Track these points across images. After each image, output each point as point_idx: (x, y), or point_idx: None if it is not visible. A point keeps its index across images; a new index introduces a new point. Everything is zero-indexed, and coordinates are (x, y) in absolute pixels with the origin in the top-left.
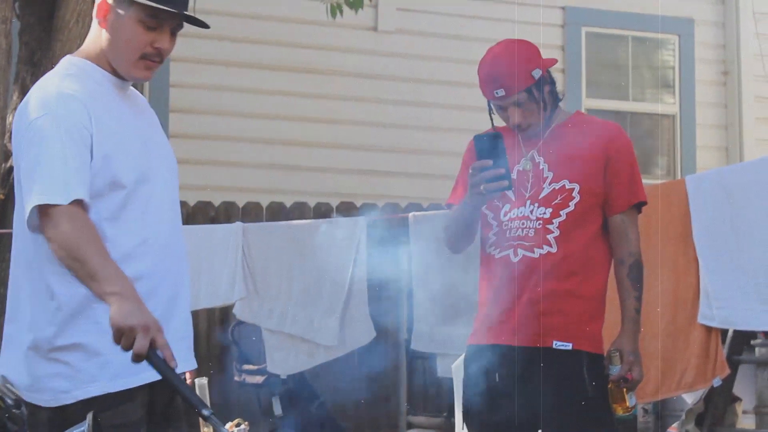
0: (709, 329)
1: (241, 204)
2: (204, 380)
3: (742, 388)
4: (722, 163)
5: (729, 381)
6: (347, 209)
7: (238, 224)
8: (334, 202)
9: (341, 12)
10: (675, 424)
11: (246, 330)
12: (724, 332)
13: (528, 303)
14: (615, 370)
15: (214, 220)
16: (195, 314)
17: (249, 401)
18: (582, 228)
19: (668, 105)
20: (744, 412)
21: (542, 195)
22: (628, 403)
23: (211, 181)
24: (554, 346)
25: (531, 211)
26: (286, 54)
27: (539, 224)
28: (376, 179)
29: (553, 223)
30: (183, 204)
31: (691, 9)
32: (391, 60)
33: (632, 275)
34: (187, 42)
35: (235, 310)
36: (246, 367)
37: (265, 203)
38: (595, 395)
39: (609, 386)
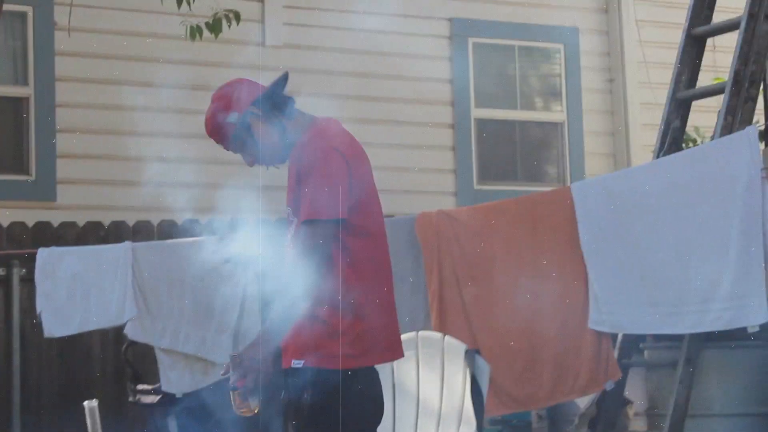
0: (599, 334)
1: (131, 223)
2: (94, 402)
3: (633, 391)
4: (610, 169)
5: (620, 384)
6: (241, 225)
7: (126, 244)
8: (227, 219)
9: (200, 35)
10: (568, 429)
11: (139, 349)
12: (615, 336)
13: None
14: (233, 375)
15: (104, 240)
16: (87, 335)
17: (144, 422)
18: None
19: (556, 113)
20: (635, 415)
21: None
22: (251, 408)
23: (101, 201)
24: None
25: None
26: (175, 71)
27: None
28: (270, 194)
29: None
30: (72, 225)
31: (576, 18)
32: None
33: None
34: (73, 61)
35: (126, 330)
36: (140, 387)
37: (155, 222)
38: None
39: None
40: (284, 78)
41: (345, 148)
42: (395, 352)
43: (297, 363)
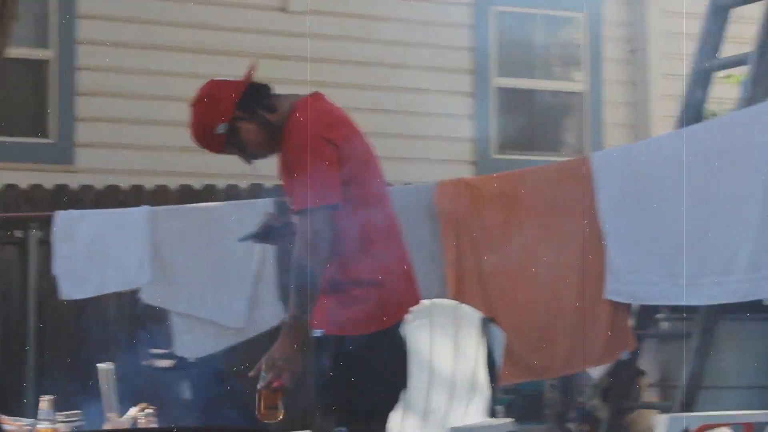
0: (616, 304)
1: (149, 187)
2: (110, 365)
3: (647, 362)
4: (630, 141)
5: (634, 355)
6: (257, 191)
7: (144, 208)
8: (244, 184)
9: None
10: (581, 399)
11: (154, 314)
12: (631, 306)
13: None
14: (264, 377)
15: (122, 204)
16: (103, 299)
17: (158, 385)
18: None
19: (576, 83)
20: (649, 386)
21: None
22: (277, 413)
23: (120, 164)
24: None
25: None
26: (195, 36)
27: None
28: None
29: None
30: (90, 188)
31: None
32: (301, 41)
33: (295, 280)
34: (94, 24)
35: (141, 294)
36: (154, 351)
37: (174, 186)
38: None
39: (259, 391)
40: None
41: (330, 131)
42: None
43: (317, 332)
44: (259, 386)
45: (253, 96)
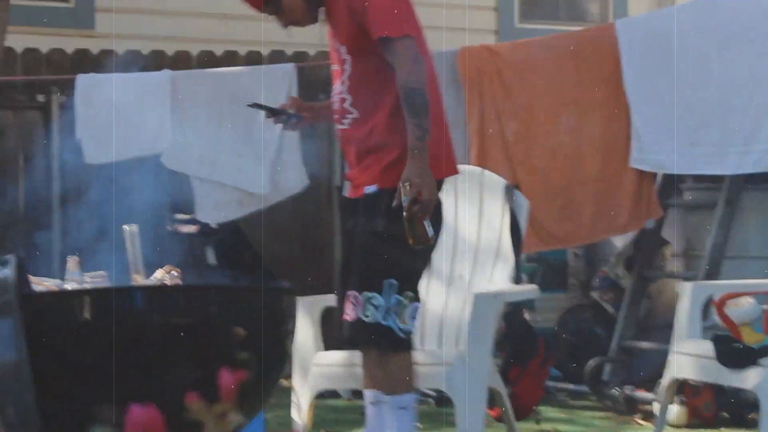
0: (641, 173)
1: (170, 53)
2: (135, 227)
3: (670, 231)
4: (654, 9)
5: (657, 225)
6: (278, 58)
7: (166, 72)
8: (265, 51)
9: None
10: (605, 268)
11: (177, 179)
12: (656, 175)
13: (351, 167)
14: (406, 200)
15: (143, 69)
16: (126, 163)
17: (181, 250)
18: (366, 82)
19: None
20: (672, 255)
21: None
22: (426, 233)
23: (141, 30)
24: (365, 191)
25: (339, 88)
26: None
27: (339, 97)
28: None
29: (345, 93)
30: (111, 53)
31: None
32: None
33: (407, 104)
34: None
35: (163, 158)
36: (178, 216)
37: (195, 52)
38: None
39: (405, 216)
40: None
41: None
42: (455, 167)
43: (370, 189)
44: (405, 213)
45: None
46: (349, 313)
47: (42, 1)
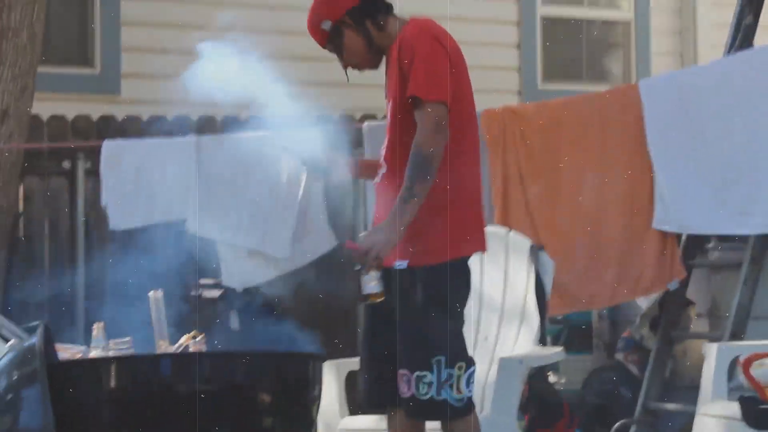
0: (665, 233)
1: (195, 118)
2: (160, 293)
3: (695, 292)
4: (677, 69)
5: (683, 285)
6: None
7: (190, 137)
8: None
9: None
10: (629, 329)
11: (202, 244)
12: (680, 236)
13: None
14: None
15: (168, 135)
16: (151, 229)
17: (206, 316)
18: (402, 141)
19: (623, 11)
20: (698, 316)
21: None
22: (364, 288)
23: (165, 95)
24: (395, 267)
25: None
26: None
27: (382, 152)
28: (331, 90)
29: (384, 147)
30: (137, 119)
31: None
32: None
33: (411, 164)
34: None
35: (188, 224)
36: (203, 281)
37: (219, 117)
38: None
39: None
40: None
41: (443, 38)
42: (484, 243)
43: (400, 264)
44: (358, 268)
45: (368, 9)
46: (405, 391)
47: (68, 67)
